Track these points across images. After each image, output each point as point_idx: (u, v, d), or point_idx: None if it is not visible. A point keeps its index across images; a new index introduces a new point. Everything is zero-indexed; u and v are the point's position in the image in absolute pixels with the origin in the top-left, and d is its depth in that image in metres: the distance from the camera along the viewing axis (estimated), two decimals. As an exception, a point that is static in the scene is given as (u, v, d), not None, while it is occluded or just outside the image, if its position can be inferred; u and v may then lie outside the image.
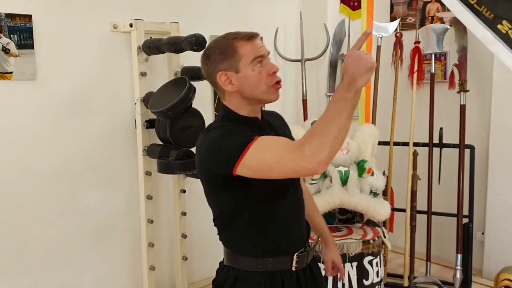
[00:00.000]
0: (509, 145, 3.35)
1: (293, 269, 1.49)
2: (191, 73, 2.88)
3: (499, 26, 2.68)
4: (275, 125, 1.61)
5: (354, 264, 2.63)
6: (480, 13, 2.73)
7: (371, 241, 2.68)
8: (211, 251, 3.33)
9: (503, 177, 3.39)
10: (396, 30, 3.59)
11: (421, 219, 3.45)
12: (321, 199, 2.62)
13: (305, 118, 3.70)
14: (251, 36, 1.44)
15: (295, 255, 1.49)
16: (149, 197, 3.01)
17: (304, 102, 3.76)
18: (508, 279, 2.97)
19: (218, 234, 1.56)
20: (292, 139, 1.61)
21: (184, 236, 3.19)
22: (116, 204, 3.03)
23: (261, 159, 1.30)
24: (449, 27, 3.45)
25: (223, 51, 1.43)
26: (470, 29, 2.84)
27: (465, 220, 3.33)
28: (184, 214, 3.18)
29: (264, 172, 1.32)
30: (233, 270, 1.50)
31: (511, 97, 3.28)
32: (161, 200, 3.21)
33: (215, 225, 1.56)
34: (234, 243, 1.50)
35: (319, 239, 1.78)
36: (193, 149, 2.86)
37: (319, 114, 1.68)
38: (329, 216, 2.88)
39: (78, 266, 2.91)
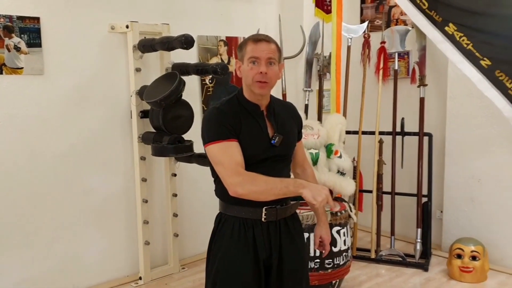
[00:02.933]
0: (463, 133, 3.70)
1: (263, 219, 1.82)
2: (181, 69, 3.20)
3: (446, 28, 3.09)
4: (281, 116, 1.89)
5: (324, 233, 2.99)
6: (431, 16, 3.14)
7: (338, 214, 3.03)
8: (199, 229, 3.69)
9: (458, 161, 3.75)
10: (364, 31, 3.95)
11: (387, 200, 3.82)
12: (295, 177, 2.97)
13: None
14: (258, 40, 1.77)
15: (264, 208, 1.81)
16: (143, 180, 3.34)
17: (284, 96, 4.11)
18: (459, 248, 3.37)
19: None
20: (299, 131, 2.00)
21: (175, 215, 3.52)
22: (114, 186, 3.35)
23: (217, 156, 1.73)
24: (410, 28, 3.83)
25: (241, 45, 1.83)
26: (422, 30, 3.24)
27: (425, 199, 3.73)
28: (175, 195, 3.52)
29: (213, 164, 1.76)
30: (220, 214, 1.90)
31: (464, 90, 3.64)
32: (155, 183, 3.52)
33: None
34: (219, 193, 1.87)
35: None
36: (184, 136, 3.22)
37: (297, 106, 2.03)
38: (303, 194, 3.22)
39: (80, 241, 3.23)
